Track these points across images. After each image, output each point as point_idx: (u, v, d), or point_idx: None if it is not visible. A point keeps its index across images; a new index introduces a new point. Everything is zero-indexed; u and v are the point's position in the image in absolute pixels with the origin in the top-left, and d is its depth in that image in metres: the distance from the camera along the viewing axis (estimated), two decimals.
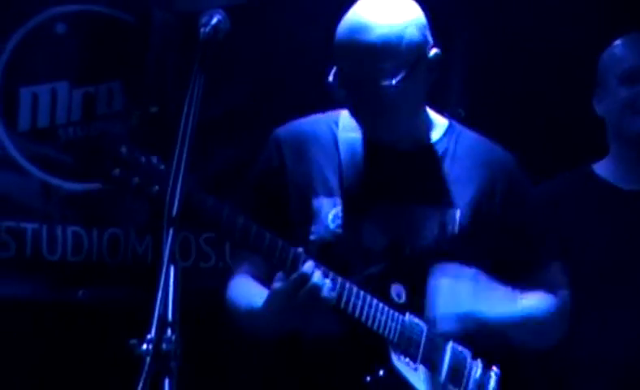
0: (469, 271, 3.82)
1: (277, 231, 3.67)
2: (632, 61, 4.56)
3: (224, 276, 3.96)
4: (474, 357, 3.85)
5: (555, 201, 4.56)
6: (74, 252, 5.22)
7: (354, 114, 3.86)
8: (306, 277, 3.62)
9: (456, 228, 3.88)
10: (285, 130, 3.97)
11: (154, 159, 3.56)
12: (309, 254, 3.67)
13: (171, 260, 3.10)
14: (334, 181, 3.88)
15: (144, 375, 2.97)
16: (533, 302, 3.94)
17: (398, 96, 3.75)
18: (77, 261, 5.21)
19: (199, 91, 3.26)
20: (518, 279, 3.92)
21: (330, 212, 3.86)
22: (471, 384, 3.83)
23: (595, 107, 4.66)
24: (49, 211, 5.17)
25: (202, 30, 3.35)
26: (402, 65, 3.75)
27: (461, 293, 3.81)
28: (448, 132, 3.98)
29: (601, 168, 4.68)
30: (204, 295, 4.20)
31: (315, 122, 3.97)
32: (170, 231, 3.13)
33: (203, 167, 5.01)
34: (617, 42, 4.63)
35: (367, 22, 3.73)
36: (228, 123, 5.00)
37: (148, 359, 2.99)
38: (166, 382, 3.01)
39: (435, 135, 3.97)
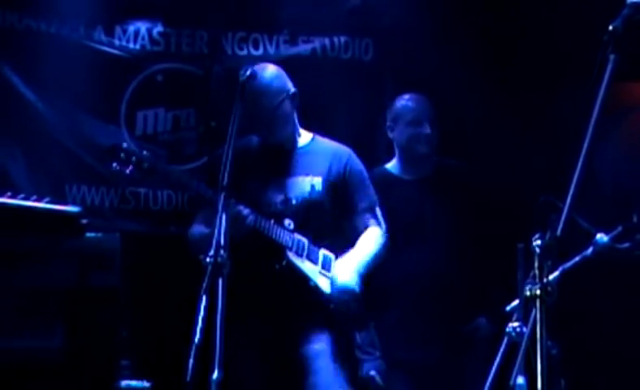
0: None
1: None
2: (415, 112, 4.54)
3: None
4: (336, 259, 3.93)
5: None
6: (168, 204, 5.08)
7: (254, 131, 3.98)
8: (240, 212, 3.75)
9: (320, 187, 3.96)
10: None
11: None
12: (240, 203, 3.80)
13: (223, 210, 3.13)
14: (249, 167, 3.90)
15: (207, 276, 3.01)
16: (372, 243, 4.01)
17: (271, 116, 3.90)
18: (170, 210, 5.08)
19: (238, 113, 3.32)
20: (360, 216, 4.03)
21: (249, 183, 3.90)
22: (334, 273, 3.90)
23: (389, 134, 4.61)
24: (154, 182, 5.01)
25: (241, 77, 3.44)
26: (272, 100, 3.89)
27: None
28: (311, 140, 4.07)
29: (391, 167, 4.63)
30: None
31: (248, 139, 4.03)
32: (222, 194, 3.18)
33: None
34: (405, 97, 4.59)
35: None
36: None
37: (209, 267, 3.02)
38: (220, 281, 3.02)
39: (302, 141, 4.05)
